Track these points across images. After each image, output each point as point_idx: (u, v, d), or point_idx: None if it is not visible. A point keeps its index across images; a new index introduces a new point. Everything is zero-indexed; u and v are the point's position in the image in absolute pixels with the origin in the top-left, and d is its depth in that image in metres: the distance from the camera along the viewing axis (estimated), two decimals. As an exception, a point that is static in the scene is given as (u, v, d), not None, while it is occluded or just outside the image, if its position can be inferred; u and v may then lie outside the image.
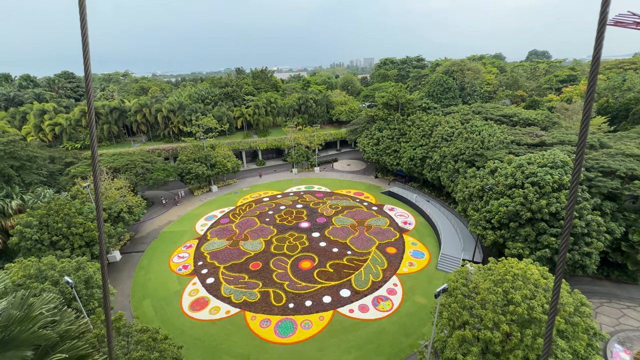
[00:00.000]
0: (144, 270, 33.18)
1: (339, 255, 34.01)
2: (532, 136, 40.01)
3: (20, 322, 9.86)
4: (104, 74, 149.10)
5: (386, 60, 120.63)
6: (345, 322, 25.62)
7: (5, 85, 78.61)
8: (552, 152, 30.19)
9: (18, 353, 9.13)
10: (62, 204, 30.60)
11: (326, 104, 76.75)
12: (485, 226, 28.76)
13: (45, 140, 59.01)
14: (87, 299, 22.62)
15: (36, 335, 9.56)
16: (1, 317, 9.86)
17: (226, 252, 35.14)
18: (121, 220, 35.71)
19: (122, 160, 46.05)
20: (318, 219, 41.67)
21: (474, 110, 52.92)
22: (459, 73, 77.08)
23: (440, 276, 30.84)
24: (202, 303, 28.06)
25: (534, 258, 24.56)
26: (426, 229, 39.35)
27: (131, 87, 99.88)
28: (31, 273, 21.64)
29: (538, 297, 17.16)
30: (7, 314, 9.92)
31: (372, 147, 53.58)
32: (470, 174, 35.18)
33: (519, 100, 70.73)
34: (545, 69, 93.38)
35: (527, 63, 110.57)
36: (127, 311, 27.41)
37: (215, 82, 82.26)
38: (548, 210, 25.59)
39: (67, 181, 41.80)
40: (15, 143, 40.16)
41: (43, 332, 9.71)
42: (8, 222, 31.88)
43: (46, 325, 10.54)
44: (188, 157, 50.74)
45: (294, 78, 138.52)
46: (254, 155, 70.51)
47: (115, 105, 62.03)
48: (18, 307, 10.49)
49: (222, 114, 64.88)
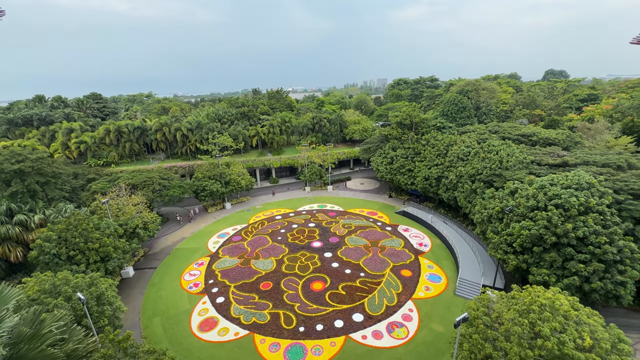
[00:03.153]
0: (155, 287, 33.04)
1: (352, 277, 32.92)
2: (554, 156, 38.57)
3: (30, 339, 9.77)
4: (129, 95, 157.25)
5: (399, 80, 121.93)
6: (357, 349, 24.30)
7: (38, 106, 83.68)
8: (577, 172, 28.89)
9: None
10: (81, 219, 31.32)
11: (340, 123, 77.42)
12: (507, 250, 27.28)
13: (70, 157, 61.68)
14: (97, 316, 22.48)
15: (44, 354, 9.48)
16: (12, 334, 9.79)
17: (237, 271, 34.68)
18: (136, 236, 36.11)
19: (140, 177, 47.27)
20: (330, 239, 40.87)
21: (491, 129, 51.84)
22: (473, 92, 76.54)
23: (458, 302, 29.15)
24: (211, 323, 27.42)
25: (561, 286, 22.88)
26: (443, 252, 37.78)
27: (153, 107, 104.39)
28: (46, 288, 21.83)
29: (569, 330, 15.78)
30: (18, 331, 9.88)
31: (385, 166, 53.03)
32: (488, 194, 33.94)
33: (537, 119, 69.12)
34: (563, 88, 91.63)
35: (544, 82, 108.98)
36: (137, 329, 27.06)
37: (233, 102, 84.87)
38: (575, 234, 24.08)
39: (88, 197, 43.06)
40: (43, 160, 41.99)
41: (51, 351, 9.63)
42: (30, 235, 32.78)
43: (55, 344, 10.44)
44: (204, 174, 51.60)
45: (309, 98, 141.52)
46: (267, 173, 71.11)
47: (138, 125, 64.60)
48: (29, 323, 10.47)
49: (237, 132, 66.35)
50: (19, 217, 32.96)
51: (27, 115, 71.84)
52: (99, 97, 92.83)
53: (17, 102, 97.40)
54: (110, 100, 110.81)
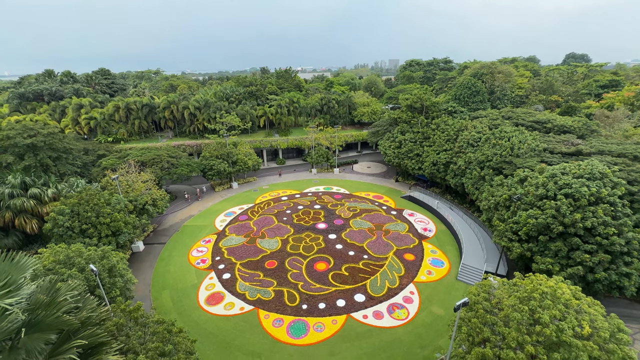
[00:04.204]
0: (164, 261, 34.18)
1: (355, 258, 33.44)
2: (568, 144, 37.54)
3: (47, 306, 10.19)
4: (137, 72, 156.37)
5: (412, 61, 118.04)
6: (358, 327, 25.07)
7: (48, 81, 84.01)
8: (590, 162, 28.22)
9: (43, 336, 9.57)
10: (92, 194, 32.12)
11: (348, 105, 76.14)
12: (512, 238, 27.20)
13: (81, 133, 62.45)
14: (109, 287, 23.49)
15: (60, 320, 9.92)
16: (30, 300, 10.27)
17: (243, 249, 35.52)
18: (146, 212, 36.98)
19: (149, 154, 47.78)
20: (335, 221, 41.26)
21: (504, 115, 50.49)
22: (488, 76, 73.91)
23: (460, 287, 29.51)
24: (217, 298, 28.47)
25: (564, 275, 22.90)
26: (447, 237, 37.90)
27: (161, 84, 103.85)
28: (60, 259, 22.74)
29: (569, 319, 15.89)
30: (35, 298, 10.32)
31: (393, 150, 52.44)
32: (497, 182, 33.49)
33: (553, 105, 66.80)
34: (584, 73, 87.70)
35: (563, 67, 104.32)
36: (147, 301, 28.28)
37: (241, 81, 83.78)
38: (583, 224, 23.78)
39: (98, 172, 43.91)
40: (54, 135, 42.67)
41: (66, 318, 10.05)
42: (44, 208, 33.81)
43: (70, 311, 10.86)
44: (211, 153, 51.89)
45: (318, 78, 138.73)
46: (274, 154, 71.12)
47: (146, 102, 64.57)
48: (46, 291, 10.89)
49: (245, 112, 65.91)
50: (33, 190, 33.90)
51: (38, 90, 72.27)
52: (108, 73, 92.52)
53: (28, 77, 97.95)
54: (119, 77, 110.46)
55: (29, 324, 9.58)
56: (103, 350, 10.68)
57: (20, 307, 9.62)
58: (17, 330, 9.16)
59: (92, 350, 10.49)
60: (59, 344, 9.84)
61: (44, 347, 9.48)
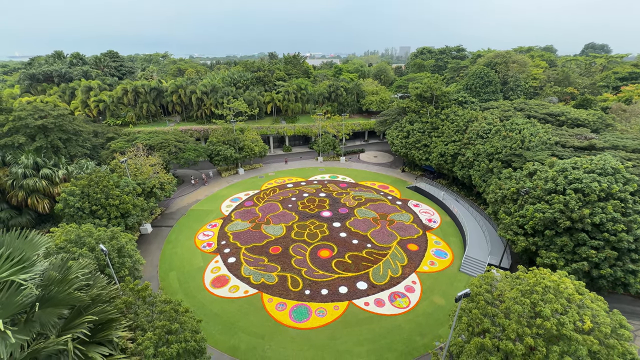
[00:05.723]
0: (171, 244, 34.96)
1: (359, 247, 33.73)
2: (581, 138, 36.68)
3: (59, 283, 10.59)
4: (145, 55, 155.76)
5: (423, 49, 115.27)
6: (360, 314, 25.55)
7: (58, 63, 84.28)
8: (603, 157, 27.61)
9: (56, 310, 10.07)
10: (102, 176, 32.69)
11: (357, 92, 75.07)
12: (517, 231, 27.05)
13: (90, 116, 63.00)
14: (118, 267, 24.20)
15: (71, 297, 10.33)
16: (43, 277, 10.69)
17: (248, 234, 36.06)
18: (153, 195, 37.57)
19: (157, 138, 48.14)
20: (340, 209, 41.44)
21: (516, 106, 49.30)
22: (502, 65, 71.80)
23: (462, 278, 29.69)
24: (222, 281, 29.17)
25: (569, 270, 22.79)
26: (451, 229, 37.86)
27: (169, 68, 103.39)
28: (71, 238, 23.43)
29: (570, 313, 15.94)
30: (48, 275, 10.72)
31: (401, 139, 51.90)
32: (505, 174, 33.07)
33: (568, 98, 64.90)
34: (602, 65, 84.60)
35: (581, 57, 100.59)
36: (154, 281, 29.14)
37: (248, 66, 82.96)
38: (591, 220, 23.49)
39: (108, 155, 44.52)
40: (64, 117, 43.17)
41: (78, 294, 10.46)
42: (55, 189, 34.62)
43: (81, 288, 11.32)
44: (218, 139, 52.04)
45: (326, 65, 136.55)
46: (281, 141, 70.98)
47: (154, 86, 64.57)
48: (58, 269, 11.30)
49: (252, 98, 65.54)
50: (45, 171, 34.64)
51: (48, 71, 72.66)
52: (116, 55, 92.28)
53: (37, 58, 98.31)
54: (127, 59, 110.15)
55: (43, 299, 9.99)
56: (113, 326, 11.19)
57: (34, 282, 10.06)
58: (31, 304, 9.59)
59: (103, 325, 10.98)
60: (71, 318, 10.36)
61: (57, 321, 10.03)
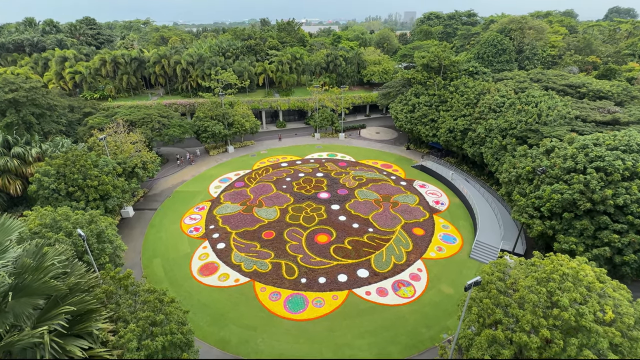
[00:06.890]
0: (155, 228, 34.18)
1: (359, 231, 33.04)
2: (603, 112, 35.36)
3: (33, 271, 10.39)
4: (125, 22, 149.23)
5: (430, 14, 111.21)
6: (360, 304, 25.13)
7: (29, 30, 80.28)
8: (627, 132, 26.74)
9: (31, 300, 9.82)
10: (78, 155, 31.34)
11: (357, 62, 72.59)
12: (533, 214, 26.29)
13: (65, 89, 60.55)
14: (98, 253, 23.46)
15: (47, 286, 10.13)
16: (16, 264, 10.51)
17: (239, 218, 35.23)
18: (135, 175, 36.36)
19: (138, 113, 46.32)
20: (339, 191, 40.52)
21: (533, 77, 47.64)
22: (517, 32, 68.92)
23: (472, 265, 29.22)
24: (211, 268, 28.58)
25: (589, 256, 22.19)
26: (461, 211, 37.14)
27: (151, 36, 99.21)
28: (47, 222, 22.61)
29: (590, 302, 15.33)
30: (22, 262, 10.56)
31: (406, 114, 50.36)
32: (520, 152, 31.99)
33: (590, 68, 62.67)
34: (628, 31, 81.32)
35: (605, 23, 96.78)
36: (137, 268, 28.53)
37: (238, 33, 79.40)
38: (614, 202, 22.65)
39: (85, 132, 42.89)
40: (37, 90, 41.31)
41: (54, 283, 10.24)
42: (28, 169, 33.33)
43: (57, 277, 11.10)
44: (205, 114, 50.31)
45: (324, 32, 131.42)
46: (274, 116, 69.13)
47: (135, 56, 61.79)
48: (32, 255, 11.08)
49: (243, 69, 63.03)
50: (17, 149, 33.28)
51: (19, 40, 69.43)
52: (93, 22, 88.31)
53: (7, 25, 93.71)
54: (105, 27, 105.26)
55: (16, 288, 9.67)
56: (92, 318, 10.89)
57: (7, 270, 9.91)
58: (4, 294, 9.37)
59: (82, 317, 10.69)
60: (47, 309, 10.10)
61: (32, 312, 9.84)
